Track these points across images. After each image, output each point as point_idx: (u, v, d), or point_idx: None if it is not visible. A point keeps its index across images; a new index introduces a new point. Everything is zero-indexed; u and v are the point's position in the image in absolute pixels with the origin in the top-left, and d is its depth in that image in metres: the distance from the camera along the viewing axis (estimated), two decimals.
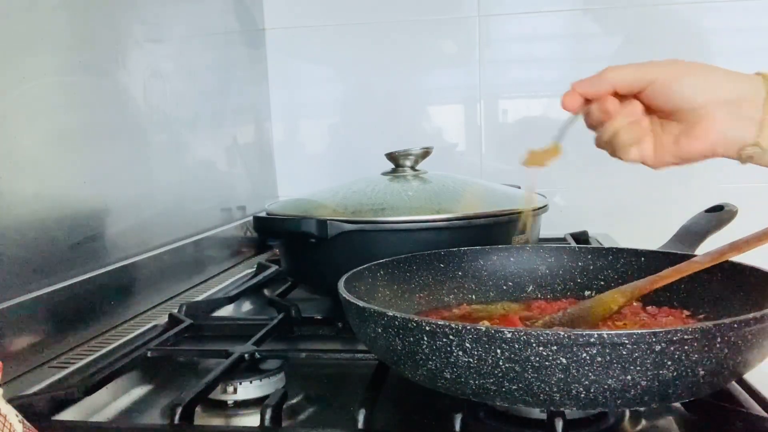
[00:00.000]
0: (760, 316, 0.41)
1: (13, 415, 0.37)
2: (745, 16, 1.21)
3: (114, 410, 0.57)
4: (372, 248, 0.74)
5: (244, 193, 1.24)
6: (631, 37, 1.25)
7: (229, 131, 1.19)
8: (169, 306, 0.86)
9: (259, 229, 0.85)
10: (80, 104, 0.77)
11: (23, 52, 0.67)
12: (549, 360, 0.40)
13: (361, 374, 0.56)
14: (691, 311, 0.59)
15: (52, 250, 0.70)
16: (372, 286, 0.61)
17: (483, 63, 1.29)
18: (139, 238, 0.86)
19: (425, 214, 0.76)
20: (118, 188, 0.83)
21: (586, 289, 0.67)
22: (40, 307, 0.66)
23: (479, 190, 0.91)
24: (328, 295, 0.83)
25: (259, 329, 0.68)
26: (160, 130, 0.94)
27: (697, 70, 0.51)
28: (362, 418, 0.47)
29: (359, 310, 0.48)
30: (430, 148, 0.90)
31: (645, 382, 0.40)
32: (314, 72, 1.37)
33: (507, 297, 0.68)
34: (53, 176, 0.71)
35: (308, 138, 1.40)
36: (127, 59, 0.85)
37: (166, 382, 0.63)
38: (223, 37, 1.18)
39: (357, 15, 1.32)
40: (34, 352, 0.65)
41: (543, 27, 1.28)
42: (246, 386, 0.57)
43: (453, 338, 0.42)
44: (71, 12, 0.75)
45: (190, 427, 0.49)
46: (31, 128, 0.68)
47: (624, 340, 0.39)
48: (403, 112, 1.34)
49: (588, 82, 0.53)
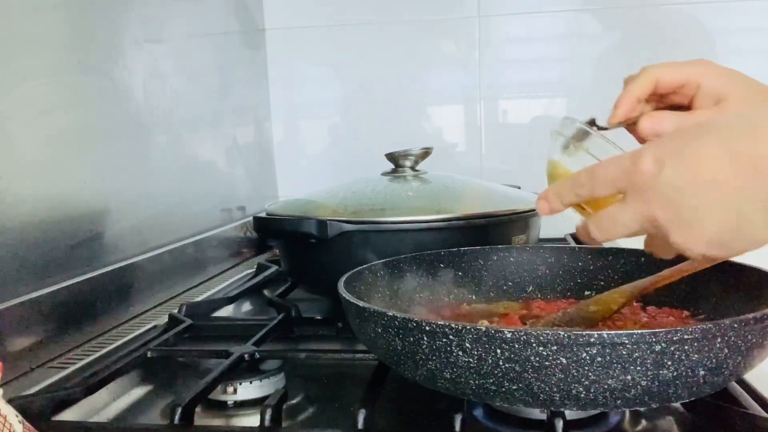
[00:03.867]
0: (760, 316, 0.41)
1: (13, 415, 0.37)
2: (746, 16, 1.20)
3: (114, 410, 0.57)
4: (372, 248, 0.74)
5: (244, 193, 1.24)
6: (631, 37, 1.25)
7: (229, 131, 1.19)
8: (169, 306, 0.86)
9: (259, 230, 0.85)
10: (80, 104, 0.77)
11: (23, 52, 0.67)
12: (549, 360, 0.40)
13: (361, 374, 0.56)
14: (691, 311, 0.59)
15: (52, 250, 0.70)
16: (372, 286, 0.61)
17: (483, 63, 1.29)
18: (139, 238, 0.86)
19: (425, 214, 0.76)
20: (118, 188, 0.82)
21: (586, 289, 0.66)
22: (40, 307, 0.66)
23: (479, 190, 0.91)
24: (328, 295, 0.83)
25: (259, 329, 0.68)
26: (160, 130, 0.94)
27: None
28: (362, 418, 0.47)
29: (359, 310, 0.48)
30: (430, 149, 0.90)
31: (645, 382, 0.40)
32: (314, 72, 1.37)
33: (507, 297, 0.68)
34: (53, 176, 0.71)
35: (308, 138, 1.40)
36: (127, 59, 0.85)
37: (166, 383, 0.63)
38: (223, 37, 1.18)
39: (357, 15, 1.32)
40: (34, 352, 0.65)
41: (543, 27, 1.28)
42: (246, 386, 0.57)
43: (453, 338, 0.42)
44: (71, 12, 0.75)
45: (190, 427, 0.49)
46: (31, 128, 0.68)
47: (624, 340, 0.39)
48: (403, 112, 1.34)
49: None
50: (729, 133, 0.41)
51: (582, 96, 1.27)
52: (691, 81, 0.54)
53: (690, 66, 0.55)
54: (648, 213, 0.42)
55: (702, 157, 0.40)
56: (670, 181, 0.41)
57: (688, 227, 0.41)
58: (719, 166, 0.40)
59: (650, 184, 0.41)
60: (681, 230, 0.41)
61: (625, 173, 0.43)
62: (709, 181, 0.40)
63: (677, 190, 0.41)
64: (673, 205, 0.41)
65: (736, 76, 0.55)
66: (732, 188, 0.40)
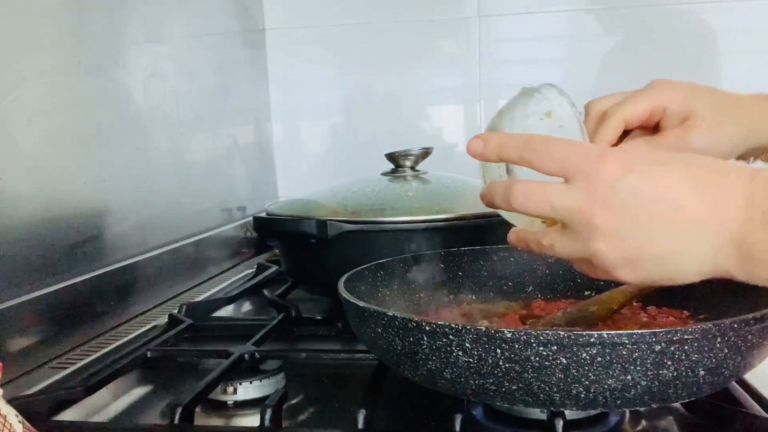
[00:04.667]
0: (760, 316, 0.41)
1: (13, 415, 0.37)
2: (748, 15, 1.20)
3: (114, 410, 0.57)
4: (372, 248, 0.74)
5: (244, 193, 1.24)
6: (632, 37, 1.25)
7: (229, 131, 1.19)
8: (169, 306, 0.86)
9: (259, 230, 0.85)
10: (80, 104, 0.77)
11: (23, 52, 0.67)
12: (549, 360, 0.40)
13: (361, 374, 0.56)
14: (691, 311, 0.59)
15: (52, 250, 0.70)
16: (372, 286, 0.61)
17: (483, 63, 1.29)
18: (139, 238, 0.86)
19: (425, 214, 0.76)
20: (118, 188, 0.82)
21: (586, 289, 0.66)
22: (40, 307, 0.66)
23: (479, 190, 0.90)
24: (328, 295, 0.83)
25: (259, 329, 0.68)
26: (160, 130, 0.94)
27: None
28: (362, 418, 0.47)
29: (359, 310, 0.48)
30: (430, 149, 0.90)
31: (645, 382, 0.40)
32: (314, 72, 1.37)
33: (507, 297, 0.68)
34: (53, 176, 0.71)
35: (308, 138, 1.40)
36: (127, 59, 0.85)
37: (166, 383, 0.63)
38: (223, 37, 1.18)
39: (357, 15, 1.32)
40: (34, 352, 0.65)
41: (543, 27, 1.28)
42: (246, 386, 0.57)
43: (453, 338, 0.42)
44: (71, 12, 0.75)
45: (190, 427, 0.49)
46: (31, 128, 0.68)
47: (624, 340, 0.39)
48: (403, 112, 1.34)
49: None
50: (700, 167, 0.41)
51: (582, 96, 1.25)
52: (657, 108, 0.54)
53: (652, 93, 0.54)
54: (586, 207, 0.41)
55: (670, 178, 0.40)
56: (631, 187, 0.40)
57: (618, 238, 0.40)
58: (684, 192, 0.40)
59: (608, 184, 0.40)
60: (608, 238, 0.41)
61: (584, 160, 0.41)
62: (670, 202, 0.39)
63: (635, 198, 0.40)
64: (619, 211, 0.40)
65: (698, 91, 0.54)
66: (688, 218, 0.39)
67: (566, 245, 0.44)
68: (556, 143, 0.43)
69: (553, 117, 0.50)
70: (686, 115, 0.53)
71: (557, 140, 0.44)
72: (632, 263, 0.41)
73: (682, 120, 0.53)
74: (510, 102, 0.53)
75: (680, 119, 0.53)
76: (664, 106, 0.54)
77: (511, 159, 0.45)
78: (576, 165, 0.41)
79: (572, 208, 0.41)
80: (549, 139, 0.44)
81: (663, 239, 0.40)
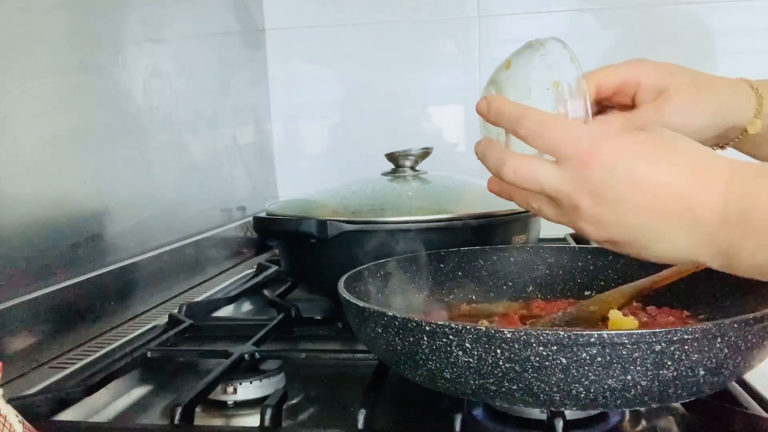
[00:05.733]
0: (760, 316, 0.41)
1: (13, 415, 0.37)
2: (748, 15, 1.20)
3: (114, 410, 0.57)
4: (372, 248, 0.74)
5: (244, 193, 1.24)
6: (631, 37, 1.25)
7: (229, 131, 1.19)
8: (169, 306, 0.86)
9: (259, 230, 0.85)
10: (80, 104, 0.76)
11: (23, 52, 0.67)
12: (549, 360, 0.40)
13: (361, 374, 0.56)
14: (691, 311, 0.59)
15: (52, 250, 0.70)
16: (372, 286, 0.61)
17: (483, 63, 1.29)
18: (139, 238, 0.86)
19: (425, 214, 0.76)
20: (118, 188, 0.82)
21: (586, 289, 0.66)
22: (40, 307, 0.66)
23: (479, 190, 0.90)
24: (328, 295, 0.83)
25: (259, 329, 0.68)
26: (160, 130, 0.94)
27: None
28: (362, 418, 0.47)
29: (359, 310, 0.48)
30: (430, 149, 0.90)
31: (645, 382, 0.40)
32: (314, 72, 1.37)
33: (507, 297, 0.68)
34: (53, 176, 0.71)
35: (308, 138, 1.40)
36: (127, 59, 0.85)
37: (166, 383, 0.63)
38: (223, 37, 1.18)
39: (357, 15, 1.32)
40: (34, 352, 0.65)
41: (543, 27, 1.28)
42: (246, 386, 0.57)
43: (453, 338, 0.42)
44: (71, 12, 0.75)
45: (190, 427, 0.49)
46: (31, 128, 0.68)
47: (624, 340, 0.39)
48: (403, 112, 1.34)
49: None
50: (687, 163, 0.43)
51: None
52: (629, 80, 0.55)
53: (626, 65, 0.55)
54: (574, 193, 0.43)
55: (656, 174, 0.42)
56: (618, 181, 0.42)
57: (603, 225, 0.43)
58: (668, 189, 0.42)
59: (597, 175, 0.42)
60: (593, 222, 0.44)
61: (576, 149, 0.43)
62: (654, 198, 0.42)
63: (620, 191, 0.42)
64: (606, 202, 0.43)
65: (673, 68, 0.55)
66: (669, 212, 0.42)
67: (552, 215, 0.47)
68: (549, 126, 0.45)
69: (552, 69, 0.50)
70: (661, 90, 0.54)
71: (550, 122, 0.45)
72: (614, 244, 0.46)
73: (656, 94, 0.54)
74: (515, 56, 0.52)
75: (655, 94, 0.54)
76: (638, 79, 0.54)
77: (507, 129, 0.47)
78: (567, 151, 0.44)
79: (561, 191, 0.44)
80: (542, 120, 0.45)
81: (644, 231, 0.43)
